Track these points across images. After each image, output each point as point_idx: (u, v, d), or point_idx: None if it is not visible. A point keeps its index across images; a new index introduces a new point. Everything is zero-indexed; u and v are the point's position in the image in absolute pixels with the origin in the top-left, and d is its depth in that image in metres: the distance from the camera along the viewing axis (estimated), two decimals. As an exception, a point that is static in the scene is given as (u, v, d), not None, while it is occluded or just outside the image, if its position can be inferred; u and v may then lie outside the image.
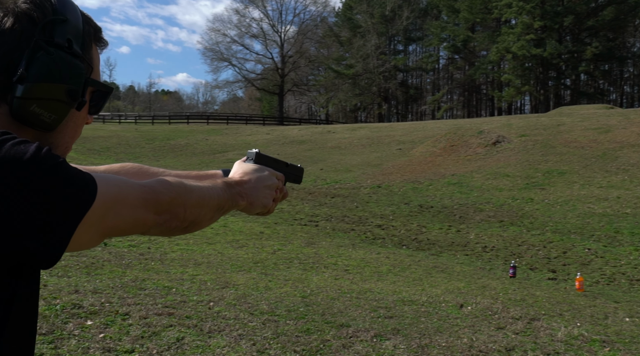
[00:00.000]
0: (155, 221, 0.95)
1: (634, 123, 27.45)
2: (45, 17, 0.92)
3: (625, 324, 5.93)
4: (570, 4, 59.35)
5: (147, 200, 0.92)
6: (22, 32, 0.90)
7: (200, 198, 1.05)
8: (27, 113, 0.90)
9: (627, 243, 12.12)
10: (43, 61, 0.90)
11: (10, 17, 0.90)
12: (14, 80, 0.89)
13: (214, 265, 7.03)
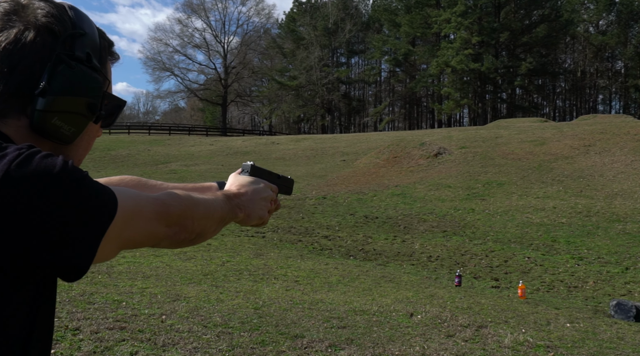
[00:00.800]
0: (166, 233, 0.96)
1: (567, 136, 28.62)
2: (65, 31, 0.92)
3: (567, 329, 6.17)
4: (505, 20, 61.52)
5: (160, 213, 0.93)
6: (43, 46, 0.90)
7: (207, 210, 1.06)
8: (48, 126, 0.90)
9: (564, 251, 12.60)
10: (65, 74, 0.90)
11: (31, 31, 0.90)
12: (36, 93, 0.89)
13: (163, 278, 6.92)
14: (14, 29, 0.90)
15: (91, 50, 0.96)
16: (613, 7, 68.94)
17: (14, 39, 0.89)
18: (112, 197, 0.83)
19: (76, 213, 0.78)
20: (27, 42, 0.89)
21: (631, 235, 13.94)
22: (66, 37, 0.92)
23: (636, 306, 7.48)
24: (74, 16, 0.95)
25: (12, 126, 0.90)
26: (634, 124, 31.95)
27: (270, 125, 79.45)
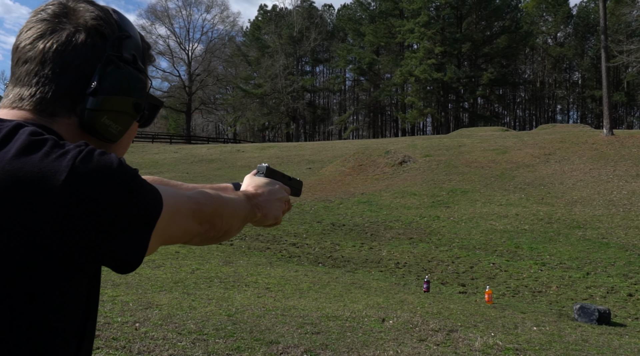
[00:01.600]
0: (199, 231, 1.00)
1: (527, 145, 29.26)
2: (113, 33, 0.96)
3: (534, 333, 6.32)
4: (467, 31, 62.69)
5: (195, 211, 0.97)
6: (93, 47, 0.94)
7: (233, 209, 1.10)
8: (98, 124, 0.94)
9: (527, 257, 12.88)
10: (114, 75, 0.94)
11: (82, 33, 0.93)
12: (87, 93, 0.92)
13: (133, 286, 6.84)
14: (65, 31, 0.93)
15: (135, 51, 1.00)
16: (570, 20, 70.97)
17: (66, 41, 0.92)
18: (158, 194, 0.88)
19: (132, 208, 0.83)
20: (78, 44, 0.93)
21: (591, 241, 14.33)
22: (114, 39, 0.96)
23: (598, 309, 7.70)
24: (118, 19, 0.99)
25: (63, 124, 0.93)
26: (591, 133, 32.87)
27: (235, 133, 79.09)
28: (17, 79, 0.94)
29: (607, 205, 17.90)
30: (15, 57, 0.95)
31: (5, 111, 0.93)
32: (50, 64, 0.92)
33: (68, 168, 0.78)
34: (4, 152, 0.80)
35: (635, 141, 27.58)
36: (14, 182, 0.77)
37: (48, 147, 0.81)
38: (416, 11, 59.79)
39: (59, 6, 0.95)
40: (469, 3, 62.49)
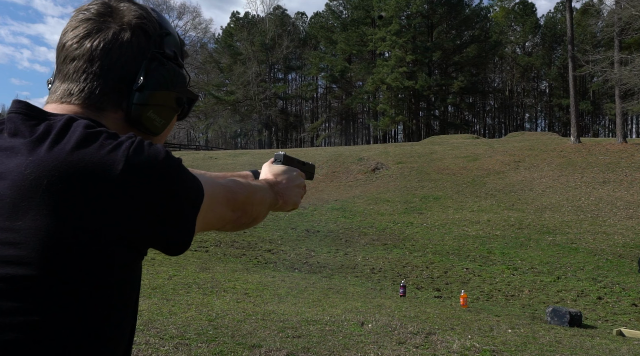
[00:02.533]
0: (232, 217, 1.07)
1: (497, 152, 29.73)
2: (155, 31, 1.02)
3: (509, 335, 6.46)
4: (438, 40, 63.48)
5: (229, 199, 1.04)
6: (138, 44, 1.00)
7: (262, 197, 1.17)
8: (144, 118, 1.00)
9: (499, 262, 13.10)
10: (159, 71, 1.00)
11: (127, 31, 0.99)
12: (134, 88, 0.98)
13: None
14: (111, 29, 0.98)
15: (175, 48, 1.06)
16: (538, 30, 72.37)
17: (112, 39, 0.98)
18: (199, 182, 0.94)
19: (181, 194, 0.89)
20: (124, 42, 0.98)
21: (560, 246, 14.63)
22: (156, 37, 1.02)
23: (570, 312, 7.89)
24: (157, 17, 1.05)
25: (110, 118, 0.98)
26: (559, 141, 33.56)
27: (207, 140, 78.70)
28: (65, 76, 0.99)
29: (575, 211, 18.29)
30: (62, 55, 1.00)
31: (54, 106, 0.98)
32: (98, 61, 0.97)
33: (124, 158, 0.84)
34: (62, 143, 0.85)
35: (601, 149, 28.24)
36: (75, 172, 0.83)
37: (102, 139, 0.87)
38: (388, 20, 60.33)
39: (103, 5, 1.01)
40: (439, 12, 63.33)
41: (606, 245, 14.61)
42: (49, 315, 0.82)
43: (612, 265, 12.85)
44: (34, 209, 0.81)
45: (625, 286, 11.04)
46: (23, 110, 0.93)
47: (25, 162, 0.84)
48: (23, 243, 0.81)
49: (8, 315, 0.81)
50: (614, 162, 24.93)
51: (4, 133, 0.91)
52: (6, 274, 0.81)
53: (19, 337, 0.81)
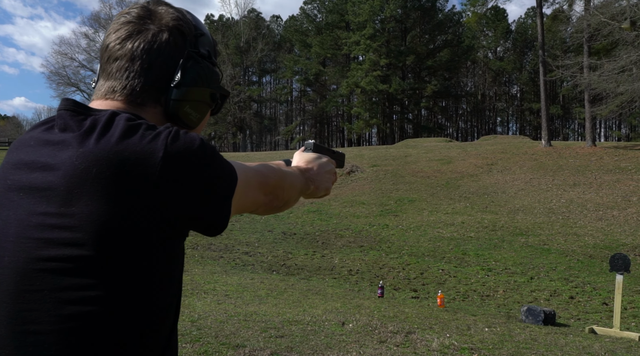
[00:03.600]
0: (264, 201, 1.14)
1: (470, 155, 30.12)
2: (191, 32, 1.11)
3: (486, 333, 6.60)
4: (411, 44, 64.08)
5: (261, 183, 1.12)
6: (175, 45, 1.08)
7: (292, 182, 1.25)
8: (181, 113, 1.08)
9: (474, 263, 13.30)
10: (195, 69, 1.08)
11: (165, 32, 1.07)
12: (172, 85, 1.06)
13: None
14: (150, 31, 1.07)
15: (209, 47, 1.15)
16: (509, 35, 73.50)
17: (152, 40, 1.06)
18: (233, 168, 1.02)
19: (217, 179, 0.98)
20: (162, 42, 1.07)
21: (533, 247, 14.92)
22: (192, 37, 1.11)
23: (544, 311, 8.08)
24: (192, 19, 1.13)
25: (150, 113, 1.07)
26: (530, 145, 34.11)
27: (180, 142, 78.05)
28: (109, 74, 1.07)
29: (547, 213, 18.64)
30: (105, 55, 1.09)
31: (99, 102, 1.07)
32: (139, 61, 1.05)
33: (163, 147, 0.93)
34: (108, 135, 0.93)
35: (571, 152, 28.80)
36: (121, 161, 0.91)
37: (143, 130, 0.95)
38: (362, 24, 60.71)
39: (142, 9, 1.09)
40: (413, 17, 63.92)
41: (577, 246, 14.93)
42: (105, 290, 0.90)
43: (583, 265, 13.15)
44: (86, 196, 0.90)
45: (596, 286, 11.32)
46: (71, 106, 1.01)
47: (76, 153, 0.93)
48: (78, 226, 0.89)
49: (69, 291, 0.89)
50: (583, 165, 25.45)
51: (55, 129, 1.00)
52: (64, 255, 0.89)
53: (81, 310, 0.89)
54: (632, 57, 21.13)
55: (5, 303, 0.92)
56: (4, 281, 0.93)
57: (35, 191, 0.94)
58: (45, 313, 0.90)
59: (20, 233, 0.93)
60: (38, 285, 0.90)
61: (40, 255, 0.90)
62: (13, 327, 0.91)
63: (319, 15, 72.18)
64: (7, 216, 0.96)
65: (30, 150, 0.99)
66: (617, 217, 17.77)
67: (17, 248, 0.92)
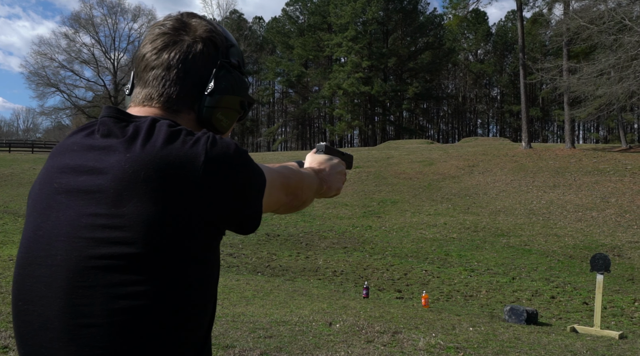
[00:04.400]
0: (285, 201, 1.21)
1: (452, 157, 30.37)
2: (222, 43, 1.17)
3: (471, 333, 6.70)
4: (393, 46, 64.42)
5: (284, 184, 1.19)
6: (209, 55, 1.15)
7: (309, 182, 1.32)
8: (213, 119, 1.15)
9: (457, 264, 13.45)
10: (227, 78, 1.15)
11: (199, 43, 1.14)
12: (205, 93, 1.13)
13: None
14: (185, 42, 1.13)
15: (239, 58, 1.21)
16: (490, 38, 74.19)
17: (187, 50, 1.13)
18: (261, 169, 1.09)
19: (251, 180, 1.05)
20: (197, 53, 1.13)
21: (514, 248, 15.12)
22: (224, 48, 1.17)
23: (527, 310, 8.21)
24: (223, 31, 1.20)
25: (184, 119, 1.13)
26: (511, 146, 34.50)
27: (162, 144, 77.50)
28: (145, 82, 1.14)
29: (528, 214, 18.89)
30: (142, 64, 1.15)
31: (137, 109, 1.14)
32: (175, 70, 1.12)
33: (204, 151, 1.00)
34: (152, 141, 1.00)
35: (551, 154, 29.18)
36: (166, 165, 0.98)
37: (183, 135, 1.02)
38: (344, 26, 60.90)
39: (177, 21, 1.16)
40: (394, 19, 64.27)
41: (557, 246, 15.16)
42: (152, 285, 0.96)
43: (564, 265, 13.36)
44: (135, 198, 0.97)
45: (576, 286, 11.51)
46: (114, 114, 1.08)
47: (124, 158, 0.99)
48: (128, 226, 0.96)
49: (120, 286, 0.96)
50: (563, 167, 25.81)
51: (96, 135, 1.06)
52: (115, 253, 0.96)
53: (132, 304, 0.96)
54: (611, 61, 21.50)
55: (59, 298, 0.98)
56: (57, 278, 0.99)
57: (83, 193, 1.01)
58: (98, 308, 0.96)
59: (71, 233, 0.99)
60: (91, 281, 0.96)
61: (92, 253, 0.97)
62: (67, 321, 0.98)
63: (301, 17, 72.29)
64: (56, 217, 1.02)
65: (75, 155, 1.06)
66: (596, 218, 18.07)
67: (69, 247, 0.99)
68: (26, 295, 1.03)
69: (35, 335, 1.01)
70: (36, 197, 1.08)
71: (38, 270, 1.02)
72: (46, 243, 1.02)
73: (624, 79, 21.86)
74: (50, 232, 1.02)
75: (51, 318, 0.99)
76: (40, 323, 1.01)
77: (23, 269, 1.05)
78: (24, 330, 1.04)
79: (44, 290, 1.00)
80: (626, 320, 9.29)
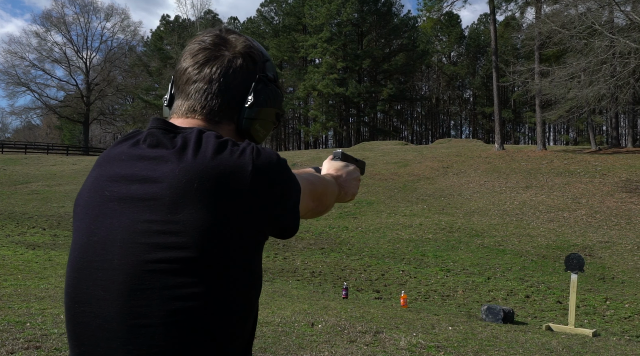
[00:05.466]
0: (312, 207, 1.28)
1: (427, 158, 30.66)
2: (259, 58, 1.24)
3: (450, 332, 6.82)
4: (368, 48, 64.70)
5: (311, 191, 1.26)
6: (247, 69, 1.21)
7: (333, 188, 1.39)
8: (252, 130, 1.22)
9: (433, 264, 13.62)
10: (265, 91, 1.22)
11: (239, 58, 1.20)
12: (245, 106, 1.20)
13: (58, 299, 6.72)
14: (226, 57, 1.20)
15: (274, 72, 1.28)
16: (463, 41, 74.99)
17: (227, 65, 1.19)
18: (296, 178, 1.16)
19: (291, 187, 1.12)
20: (237, 67, 1.20)
21: (489, 248, 15.35)
22: (261, 63, 1.24)
23: (503, 309, 8.38)
24: (259, 46, 1.27)
25: (225, 130, 1.20)
26: (484, 148, 34.94)
27: (135, 144, 76.52)
28: (188, 95, 1.20)
29: (501, 215, 19.19)
30: (183, 78, 1.21)
31: (180, 120, 1.20)
32: (217, 83, 1.18)
33: (251, 161, 1.06)
34: (202, 152, 1.06)
35: (523, 155, 29.65)
36: (218, 174, 1.04)
37: (230, 146, 1.08)
38: (319, 27, 61.00)
39: (216, 37, 1.22)
40: (369, 21, 64.54)
41: (531, 246, 15.43)
42: (205, 287, 1.02)
43: (537, 265, 13.62)
44: (189, 205, 1.02)
45: (549, 285, 11.75)
46: (161, 125, 1.14)
47: (178, 168, 1.05)
48: (183, 232, 1.02)
49: (175, 288, 1.02)
50: (535, 168, 26.25)
51: (142, 145, 1.12)
52: (170, 257, 1.02)
53: (186, 305, 1.02)
54: (582, 65, 21.94)
55: (117, 300, 1.04)
56: (115, 281, 1.04)
57: (137, 201, 1.06)
58: (155, 309, 1.01)
59: (127, 239, 1.04)
60: (147, 284, 1.02)
61: (148, 257, 1.02)
62: (125, 321, 1.03)
63: (276, 18, 72.19)
64: (110, 224, 1.07)
65: (124, 164, 1.11)
66: (568, 218, 18.43)
67: (126, 252, 1.04)
68: (83, 297, 1.08)
69: (92, 336, 1.07)
70: (86, 205, 1.13)
71: (94, 274, 1.07)
72: (101, 248, 1.07)
73: (594, 83, 22.33)
74: (105, 238, 1.07)
75: (109, 319, 1.04)
76: (97, 324, 1.06)
77: (78, 273, 1.09)
78: (80, 331, 1.08)
79: (101, 292, 1.05)
80: (599, 318, 9.52)
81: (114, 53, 62.53)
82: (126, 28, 65.54)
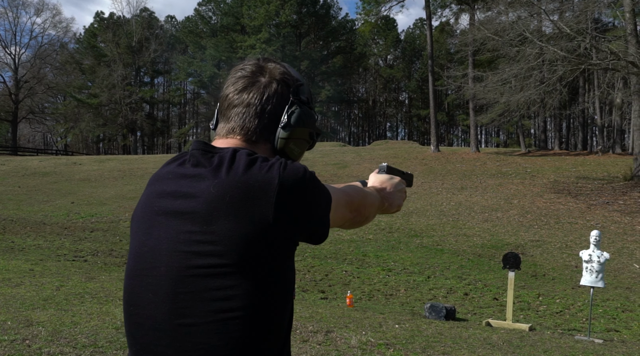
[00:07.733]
0: (349, 217, 1.39)
1: (365, 159, 31.14)
2: (293, 83, 1.36)
3: (397, 330, 7.06)
4: (306, 50, 65.03)
5: (348, 202, 1.37)
6: (282, 93, 1.34)
7: (371, 200, 1.50)
8: (287, 149, 1.33)
9: (375, 264, 13.91)
10: (298, 113, 1.34)
11: (274, 83, 1.33)
12: (280, 126, 1.31)
13: (2, 305, 6.55)
14: (262, 83, 1.33)
15: (307, 94, 1.40)
16: (399, 44, 76.44)
17: (263, 90, 1.32)
18: (327, 189, 1.28)
19: (321, 198, 1.23)
20: (272, 92, 1.33)
21: (428, 248, 15.80)
22: (295, 87, 1.36)
23: (446, 307, 8.70)
24: (293, 72, 1.39)
25: (261, 149, 1.32)
26: (420, 150, 35.79)
27: (66, 144, 74.43)
28: (228, 119, 1.33)
29: (438, 215, 19.75)
30: (225, 103, 1.35)
31: (221, 141, 1.32)
32: (254, 107, 1.31)
33: (278, 175, 1.18)
34: (235, 168, 1.19)
35: (457, 157, 30.57)
36: (247, 188, 1.16)
37: (260, 162, 1.20)
38: (257, 28, 60.91)
39: (255, 66, 1.36)
40: (307, 23, 64.93)
41: (467, 246, 15.99)
42: (241, 289, 1.14)
43: (474, 264, 14.13)
44: (223, 217, 1.14)
45: (486, 283, 12.23)
46: (202, 147, 1.27)
47: (212, 184, 1.18)
48: (218, 241, 1.14)
49: (215, 291, 1.14)
50: (469, 170, 27.12)
51: (187, 165, 1.25)
52: (209, 263, 1.14)
53: (223, 305, 1.14)
54: (513, 71, 22.84)
55: (165, 302, 1.17)
56: (162, 286, 1.18)
57: (180, 215, 1.19)
58: (198, 309, 1.14)
59: (172, 248, 1.18)
60: (190, 287, 1.15)
61: (190, 264, 1.15)
62: (172, 321, 1.16)
63: (214, 18, 71.51)
64: (158, 235, 1.21)
65: (170, 182, 1.25)
66: (501, 218, 19.17)
67: (171, 259, 1.17)
68: (136, 300, 1.22)
69: (145, 335, 1.20)
70: (139, 219, 1.27)
71: (145, 280, 1.20)
72: (151, 257, 1.20)
73: (525, 88, 23.29)
74: (153, 248, 1.20)
75: (159, 320, 1.18)
76: (150, 324, 1.19)
77: (133, 279, 1.24)
78: (136, 331, 1.22)
79: (151, 296, 1.19)
80: (533, 314, 10.02)
81: (45, 49, 60.44)
82: (58, 24, 63.68)
